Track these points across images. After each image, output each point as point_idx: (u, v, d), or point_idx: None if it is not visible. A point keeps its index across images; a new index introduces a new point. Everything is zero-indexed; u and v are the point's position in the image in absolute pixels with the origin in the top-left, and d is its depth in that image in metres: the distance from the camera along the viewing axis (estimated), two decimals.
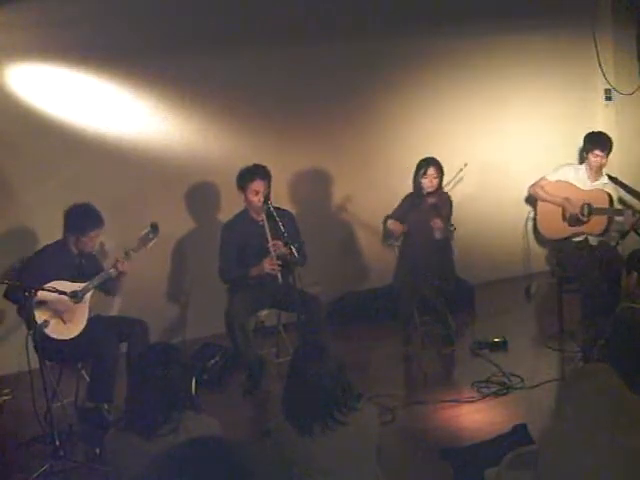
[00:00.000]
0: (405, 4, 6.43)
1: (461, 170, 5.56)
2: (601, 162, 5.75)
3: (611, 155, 5.79)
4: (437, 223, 5.39)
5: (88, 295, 4.76)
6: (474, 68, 6.70)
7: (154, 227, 4.89)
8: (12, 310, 4.75)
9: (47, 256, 4.79)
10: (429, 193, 5.53)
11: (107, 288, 4.95)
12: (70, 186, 5.66)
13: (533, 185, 5.99)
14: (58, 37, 5.59)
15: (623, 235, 5.61)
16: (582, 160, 6.01)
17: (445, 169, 5.60)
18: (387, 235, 5.75)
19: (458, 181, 5.63)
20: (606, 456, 2.41)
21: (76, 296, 4.65)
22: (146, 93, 5.92)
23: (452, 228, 5.31)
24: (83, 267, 4.86)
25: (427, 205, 5.50)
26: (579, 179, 5.82)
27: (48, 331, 4.47)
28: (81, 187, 5.72)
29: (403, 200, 5.72)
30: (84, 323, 4.75)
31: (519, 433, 4.13)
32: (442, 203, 5.54)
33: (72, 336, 4.68)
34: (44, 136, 5.71)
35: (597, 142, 5.76)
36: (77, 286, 4.70)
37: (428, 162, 5.56)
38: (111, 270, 4.80)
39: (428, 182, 5.53)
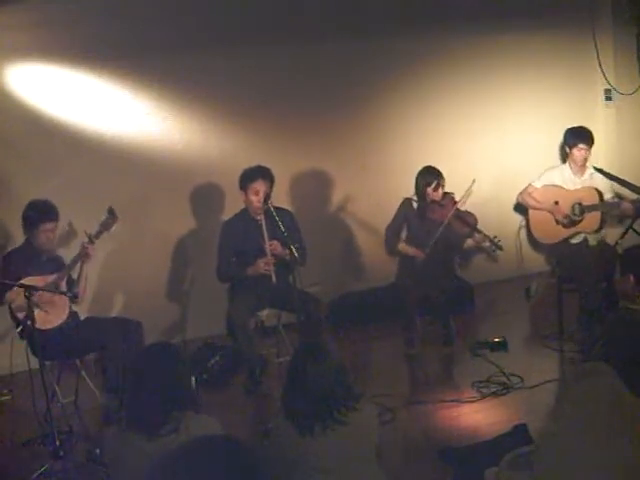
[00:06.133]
0: (405, 4, 6.43)
1: (470, 187, 5.50)
2: (585, 155, 5.69)
3: (611, 155, 5.76)
4: (477, 238, 5.47)
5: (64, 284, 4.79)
6: (474, 68, 6.69)
7: (111, 212, 4.86)
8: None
9: (13, 259, 4.79)
10: (434, 201, 5.54)
11: (72, 291, 4.86)
12: (70, 186, 5.67)
13: (521, 193, 5.93)
14: (58, 37, 5.60)
15: (622, 234, 5.60)
16: (565, 158, 5.94)
17: (445, 170, 5.59)
18: (401, 255, 5.77)
19: (468, 196, 5.57)
20: (604, 457, 2.41)
21: (57, 287, 4.68)
22: (146, 93, 5.93)
23: (497, 240, 5.38)
24: (50, 263, 4.84)
25: (436, 214, 5.51)
26: (565, 180, 5.77)
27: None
28: (81, 187, 5.74)
29: (400, 207, 5.72)
30: (66, 311, 4.78)
31: (519, 433, 4.14)
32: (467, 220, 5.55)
33: (56, 324, 4.71)
34: (44, 136, 5.72)
35: (580, 136, 5.69)
36: (50, 278, 4.70)
37: (435, 175, 5.52)
38: (81, 252, 4.77)
39: (437, 194, 5.53)
